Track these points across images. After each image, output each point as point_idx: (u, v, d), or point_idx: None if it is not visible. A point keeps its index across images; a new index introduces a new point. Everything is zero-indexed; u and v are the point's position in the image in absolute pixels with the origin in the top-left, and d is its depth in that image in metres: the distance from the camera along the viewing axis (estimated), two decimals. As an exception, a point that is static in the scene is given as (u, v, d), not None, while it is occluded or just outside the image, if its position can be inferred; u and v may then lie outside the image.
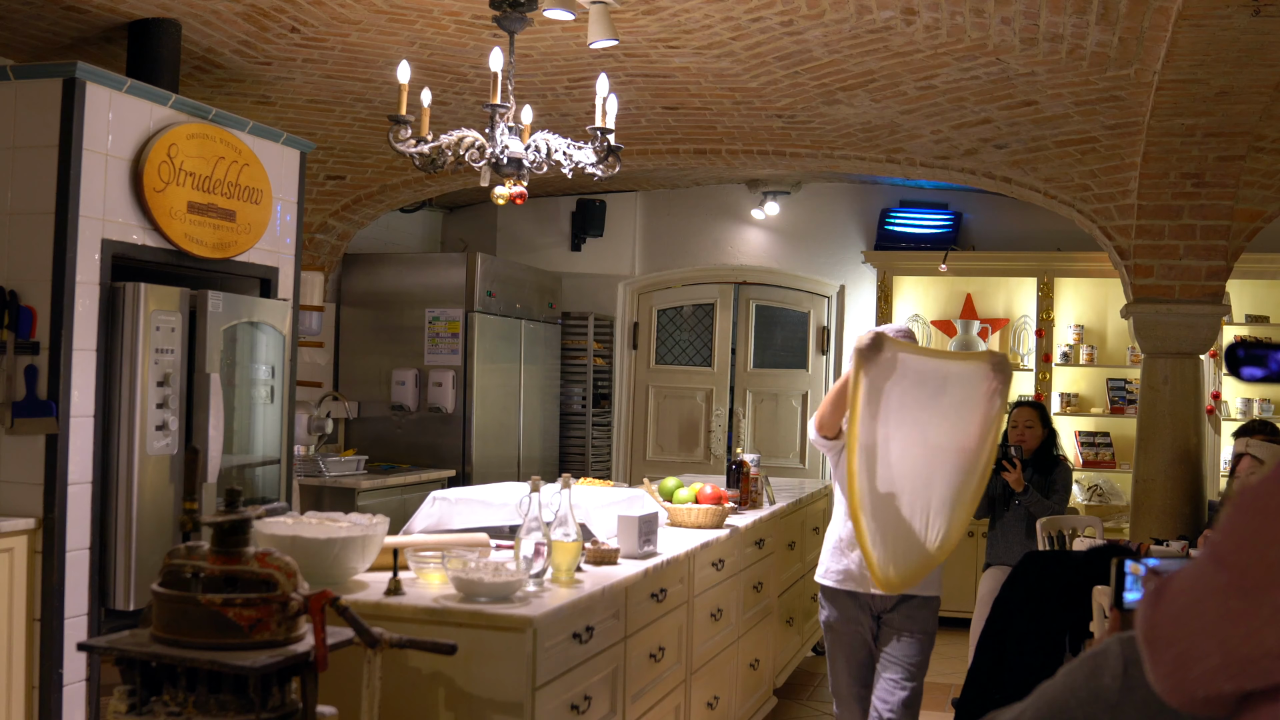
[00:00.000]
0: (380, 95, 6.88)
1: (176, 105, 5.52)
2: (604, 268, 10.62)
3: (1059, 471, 6.98)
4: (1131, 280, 7.04)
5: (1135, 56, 5.61)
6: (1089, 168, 7.00)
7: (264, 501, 5.89)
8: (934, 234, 9.70)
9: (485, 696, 3.44)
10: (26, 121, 5.04)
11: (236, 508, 2.93)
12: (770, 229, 10.40)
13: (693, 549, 4.93)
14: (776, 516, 6.45)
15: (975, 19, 5.46)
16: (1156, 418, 7.06)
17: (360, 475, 7.94)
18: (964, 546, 9.11)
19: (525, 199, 5.11)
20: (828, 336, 10.29)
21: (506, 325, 9.17)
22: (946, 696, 7.08)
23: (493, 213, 10.59)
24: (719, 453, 10.43)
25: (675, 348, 10.70)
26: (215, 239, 5.69)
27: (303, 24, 5.84)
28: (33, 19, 5.51)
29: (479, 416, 8.77)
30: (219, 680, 2.76)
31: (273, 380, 6.09)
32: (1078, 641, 5.62)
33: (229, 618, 2.79)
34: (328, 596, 2.84)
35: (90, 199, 5.06)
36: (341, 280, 9.13)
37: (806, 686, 7.40)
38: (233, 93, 6.69)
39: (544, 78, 6.69)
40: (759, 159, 7.94)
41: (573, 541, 3.94)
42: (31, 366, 4.93)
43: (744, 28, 5.83)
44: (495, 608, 3.50)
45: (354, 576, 3.83)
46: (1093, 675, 1.93)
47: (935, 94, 6.54)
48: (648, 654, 4.47)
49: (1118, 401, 9.14)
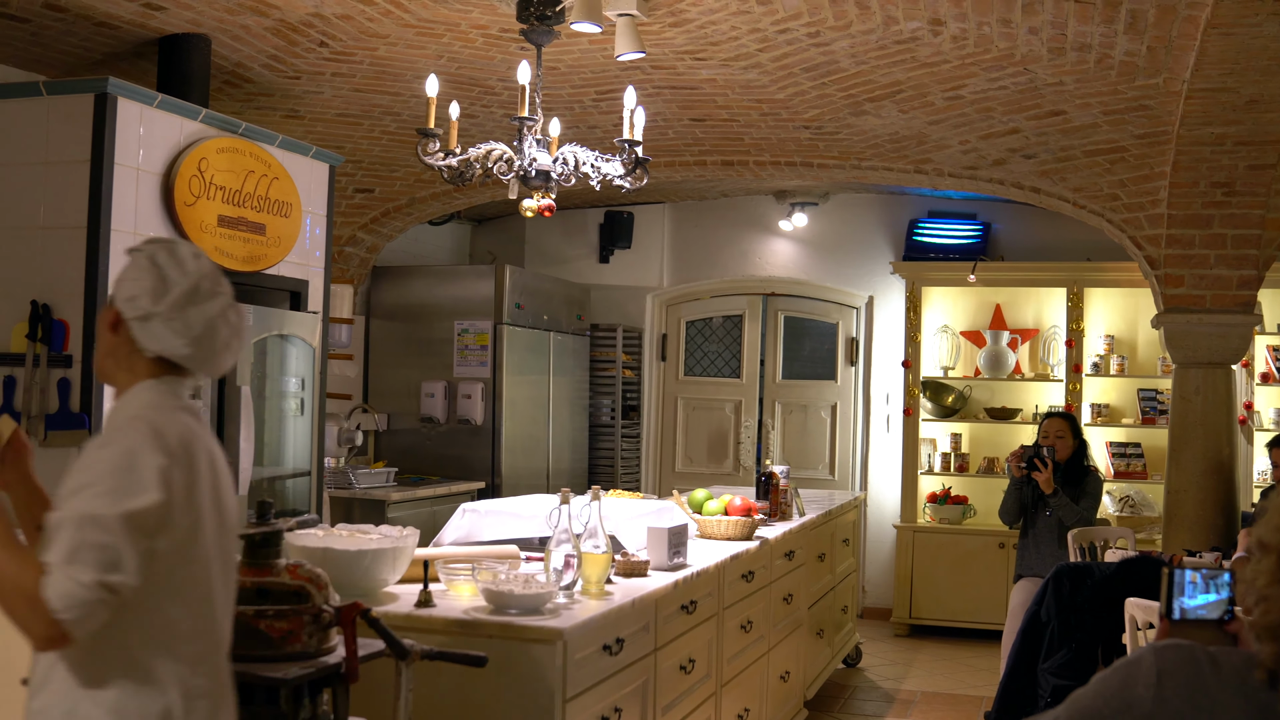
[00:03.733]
0: (408, 109, 6.91)
1: (206, 120, 5.56)
2: (632, 279, 10.62)
3: (1089, 479, 6.95)
4: (1162, 290, 7.00)
5: (1164, 65, 5.58)
6: (1118, 177, 6.97)
7: (294, 513, 5.90)
8: (963, 244, 9.67)
9: (516, 708, 3.44)
10: (59, 136, 5.08)
11: (268, 520, 2.94)
12: (798, 240, 10.39)
13: (722, 561, 4.92)
14: (806, 528, 6.43)
15: (1002, 29, 5.45)
16: (1188, 428, 7.02)
17: (390, 487, 7.96)
18: (995, 558, 9.09)
19: (553, 211, 5.12)
20: (857, 348, 10.26)
21: (535, 337, 9.18)
22: (979, 709, 7.06)
23: (521, 225, 10.61)
24: (748, 464, 10.41)
25: (704, 359, 10.70)
26: (245, 252, 5.72)
27: (331, 38, 5.87)
28: (65, 35, 5.56)
29: (508, 428, 8.78)
30: (251, 691, 2.77)
31: (303, 393, 6.11)
32: (1110, 654, 5.60)
33: (261, 629, 2.79)
34: (359, 608, 2.85)
35: (122, 213, 5.09)
36: (370, 293, 9.16)
37: (837, 699, 7.38)
38: (262, 107, 6.73)
39: (571, 90, 6.71)
40: (786, 170, 7.93)
41: (603, 553, 3.94)
42: (64, 379, 4.97)
43: (771, 39, 5.83)
44: (525, 620, 3.50)
45: (384, 588, 3.83)
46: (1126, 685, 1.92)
47: (963, 104, 6.52)
48: (678, 666, 4.46)
49: (1149, 412, 9.09)
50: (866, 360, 10.21)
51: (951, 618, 9.36)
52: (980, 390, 9.72)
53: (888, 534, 9.86)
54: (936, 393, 9.67)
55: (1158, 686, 1.89)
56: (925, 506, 9.60)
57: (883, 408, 10.12)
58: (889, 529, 9.82)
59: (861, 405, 10.24)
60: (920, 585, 9.43)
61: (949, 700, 7.42)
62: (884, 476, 10.05)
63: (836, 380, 10.36)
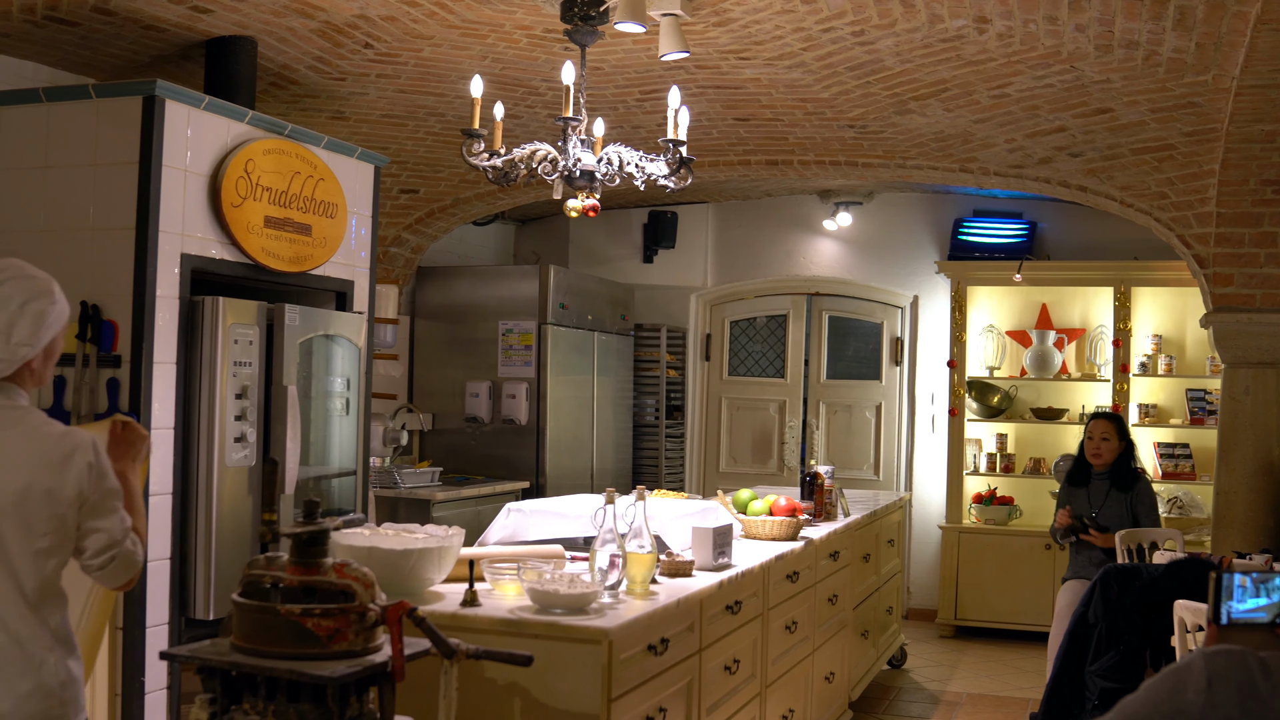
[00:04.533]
0: (453, 109, 6.93)
1: (253, 121, 5.59)
2: (676, 279, 10.62)
3: (1140, 488, 6.88)
4: (1211, 289, 6.94)
5: (1213, 62, 5.53)
6: (1166, 175, 6.91)
7: (340, 513, 5.93)
8: (1008, 243, 9.61)
9: (561, 708, 3.45)
10: (108, 139, 5.12)
11: (315, 519, 2.96)
12: (843, 239, 10.36)
13: (767, 561, 4.92)
14: (851, 529, 6.42)
15: (1049, 26, 5.41)
16: (1238, 429, 6.95)
17: (435, 487, 7.99)
18: (1040, 559, 9.04)
19: (598, 211, 5.12)
20: (901, 347, 10.23)
21: (579, 337, 9.20)
22: (1025, 711, 7.02)
23: (565, 225, 10.62)
24: (792, 464, 10.39)
25: (748, 359, 10.68)
26: (291, 253, 5.76)
27: (376, 40, 5.90)
28: (113, 38, 5.61)
29: (552, 428, 8.80)
30: (298, 689, 2.78)
31: (348, 392, 6.14)
32: (1158, 656, 5.55)
33: (308, 628, 2.81)
34: (405, 607, 2.86)
35: (170, 214, 5.13)
36: (415, 293, 9.19)
37: (882, 700, 7.35)
38: (308, 108, 6.77)
39: (615, 90, 6.71)
40: (831, 170, 7.91)
41: (648, 553, 3.94)
42: (113, 379, 5.00)
43: (815, 38, 5.81)
44: (571, 619, 3.50)
45: (430, 587, 3.85)
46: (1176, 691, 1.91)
47: (1009, 102, 6.48)
48: (722, 666, 4.45)
49: (1197, 412, 9.01)
50: (911, 360, 10.17)
51: (997, 619, 9.31)
52: (1026, 390, 9.66)
53: (933, 535, 9.81)
54: (982, 393, 9.63)
55: (1208, 692, 1.87)
56: (971, 507, 9.55)
57: (928, 408, 10.08)
58: (934, 530, 9.78)
59: (906, 405, 10.20)
60: (965, 586, 9.39)
61: (994, 702, 7.38)
62: (929, 477, 10.01)
63: (881, 380, 10.33)
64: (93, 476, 2.78)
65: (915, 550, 9.96)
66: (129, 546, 2.82)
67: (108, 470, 2.83)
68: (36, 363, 2.88)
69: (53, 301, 2.89)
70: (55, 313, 2.89)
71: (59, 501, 2.74)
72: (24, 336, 2.82)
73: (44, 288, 2.88)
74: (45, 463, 2.75)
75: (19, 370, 2.85)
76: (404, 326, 9.03)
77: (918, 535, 9.98)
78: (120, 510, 2.82)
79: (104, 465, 2.82)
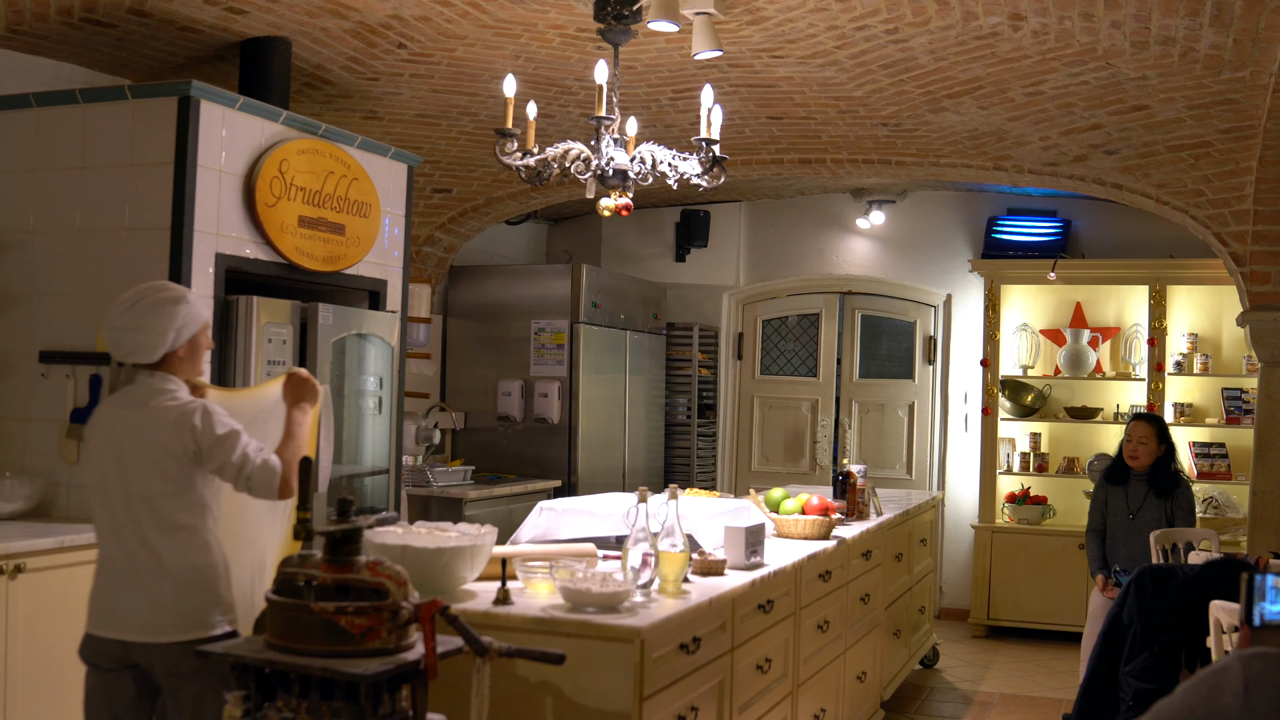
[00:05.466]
0: (486, 109, 6.95)
1: (287, 121, 5.62)
2: (708, 278, 10.61)
3: (1181, 493, 6.81)
4: (1248, 287, 6.89)
5: (1251, 58, 5.48)
6: (1203, 173, 6.86)
7: (373, 511, 5.94)
8: (1042, 242, 9.56)
9: (592, 706, 3.45)
10: (143, 139, 5.16)
11: (348, 517, 2.97)
12: (875, 238, 10.33)
13: (799, 560, 4.91)
14: (884, 528, 6.40)
15: (1084, 23, 5.38)
16: (1274, 428, 6.90)
17: (467, 485, 8.01)
18: (1074, 559, 8.98)
19: (631, 210, 5.12)
20: (934, 346, 10.19)
21: (611, 336, 9.20)
22: (1058, 712, 6.98)
23: (597, 224, 10.63)
24: (824, 463, 10.37)
25: (780, 358, 10.67)
26: (325, 252, 5.78)
27: (409, 40, 5.91)
28: (149, 39, 5.64)
29: (584, 427, 8.80)
30: (331, 687, 2.80)
31: (381, 391, 6.16)
32: (1193, 657, 5.51)
33: (341, 625, 2.82)
34: (438, 605, 2.87)
35: (204, 214, 5.16)
36: (448, 292, 9.22)
37: (914, 700, 7.33)
38: (341, 108, 6.79)
39: (648, 89, 6.71)
40: (864, 168, 7.89)
41: (680, 552, 3.94)
42: (149, 378, 5.04)
43: (848, 36, 5.80)
44: (603, 618, 3.51)
45: (462, 586, 3.86)
46: (1212, 694, 1.89)
47: (1043, 100, 6.45)
48: (754, 665, 4.45)
49: (1233, 411, 8.94)
50: (944, 359, 10.13)
51: (1030, 619, 9.27)
52: (1060, 389, 9.61)
53: (966, 534, 9.78)
54: (1015, 392, 9.58)
55: (1245, 695, 1.86)
56: (1004, 507, 9.51)
57: (961, 407, 10.04)
58: (967, 529, 9.74)
59: (939, 404, 10.16)
60: (998, 586, 9.35)
61: (1027, 703, 7.35)
62: (962, 476, 9.97)
63: (914, 379, 10.29)
64: (201, 432, 3.45)
65: (948, 550, 9.93)
66: (255, 463, 3.46)
67: (214, 425, 3.47)
68: (183, 351, 3.60)
69: (186, 305, 3.58)
70: (186, 314, 3.58)
71: (175, 454, 3.47)
72: (158, 333, 3.53)
73: (177, 295, 3.59)
74: (165, 427, 3.47)
75: (168, 359, 3.57)
76: (436, 326, 9.06)
77: (950, 535, 9.94)
78: (238, 447, 3.47)
79: (211, 423, 3.47)
